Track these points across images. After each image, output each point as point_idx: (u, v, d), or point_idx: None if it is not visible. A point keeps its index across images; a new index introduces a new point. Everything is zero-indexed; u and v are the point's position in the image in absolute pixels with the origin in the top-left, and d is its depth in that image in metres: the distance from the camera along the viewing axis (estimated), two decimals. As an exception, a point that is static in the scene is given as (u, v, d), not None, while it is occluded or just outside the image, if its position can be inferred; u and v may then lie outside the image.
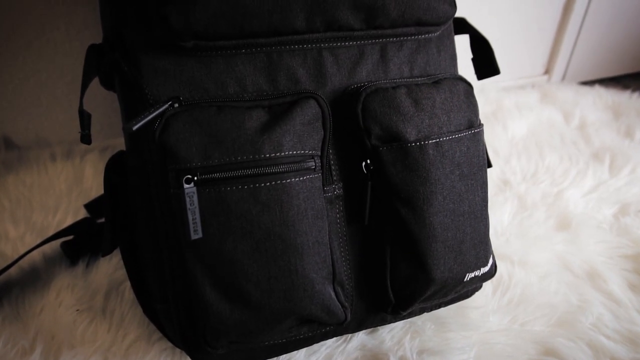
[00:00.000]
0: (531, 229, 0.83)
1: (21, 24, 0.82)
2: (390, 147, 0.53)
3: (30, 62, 0.87)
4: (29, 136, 0.95)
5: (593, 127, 1.11)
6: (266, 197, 0.48)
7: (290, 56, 0.54)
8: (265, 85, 0.53)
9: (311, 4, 0.50)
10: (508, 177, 0.97)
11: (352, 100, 0.54)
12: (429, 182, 0.54)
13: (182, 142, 0.47)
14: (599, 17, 1.24)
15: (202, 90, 0.52)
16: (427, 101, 0.55)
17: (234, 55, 0.52)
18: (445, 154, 0.54)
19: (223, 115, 0.49)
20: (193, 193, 0.47)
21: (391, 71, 0.58)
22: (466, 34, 0.68)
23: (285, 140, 0.49)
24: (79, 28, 0.85)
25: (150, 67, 0.51)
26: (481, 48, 0.67)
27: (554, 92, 1.23)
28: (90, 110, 0.54)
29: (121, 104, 0.54)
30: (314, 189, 0.51)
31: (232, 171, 0.48)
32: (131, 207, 0.56)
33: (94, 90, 0.79)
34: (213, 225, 0.48)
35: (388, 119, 0.53)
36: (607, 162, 1.00)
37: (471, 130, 0.57)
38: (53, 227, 0.84)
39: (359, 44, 0.56)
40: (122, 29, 0.52)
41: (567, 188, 0.93)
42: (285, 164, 0.49)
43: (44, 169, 0.95)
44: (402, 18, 0.55)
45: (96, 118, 0.95)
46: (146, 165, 0.52)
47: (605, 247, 0.81)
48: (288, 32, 0.52)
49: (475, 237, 0.57)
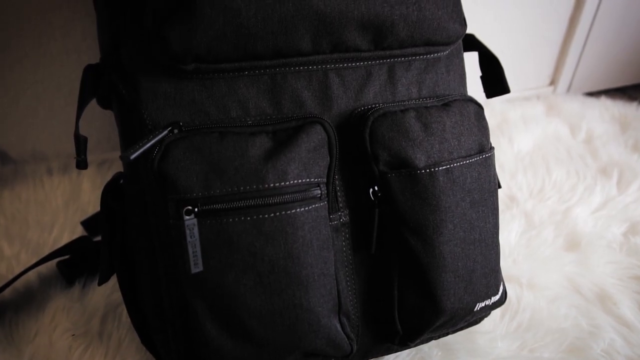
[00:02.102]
0: (539, 249, 0.81)
1: (17, 36, 0.80)
2: (398, 173, 0.51)
3: (26, 74, 0.85)
4: (25, 150, 0.93)
5: (600, 140, 1.09)
6: (270, 228, 0.46)
7: (295, 78, 0.52)
8: (269, 109, 0.51)
9: (317, 25, 0.48)
10: (514, 193, 0.95)
11: (359, 125, 0.52)
12: (439, 211, 0.51)
13: (182, 171, 0.45)
14: (605, 28, 1.22)
15: (203, 114, 0.50)
16: (437, 125, 0.53)
17: (236, 77, 0.50)
18: (456, 181, 0.52)
19: (225, 142, 0.47)
20: (194, 225, 0.45)
21: (399, 92, 0.56)
22: (475, 51, 0.66)
23: (290, 168, 0.47)
24: (77, 39, 0.83)
25: (149, 90, 0.49)
26: (490, 66, 0.64)
27: (560, 104, 1.21)
28: (87, 122, 0.52)
29: (119, 127, 0.52)
30: (319, 218, 0.49)
31: (235, 202, 0.45)
32: (129, 234, 0.54)
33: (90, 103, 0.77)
34: (214, 258, 0.46)
35: (397, 144, 0.51)
36: (615, 178, 0.98)
37: (482, 155, 0.55)
38: (49, 244, 0.82)
39: (366, 65, 0.54)
40: (120, 50, 0.50)
41: (575, 205, 0.91)
42: (290, 194, 0.47)
43: (40, 183, 0.93)
44: (411, 38, 0.53)
45: (93, 131, 0.93)
46: (144, 192, 0.50)
47: (616, 267, 0.79)
48: (293, 53, 0.50)
49: (486, 266, 0.55)
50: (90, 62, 0.85)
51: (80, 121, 0.51)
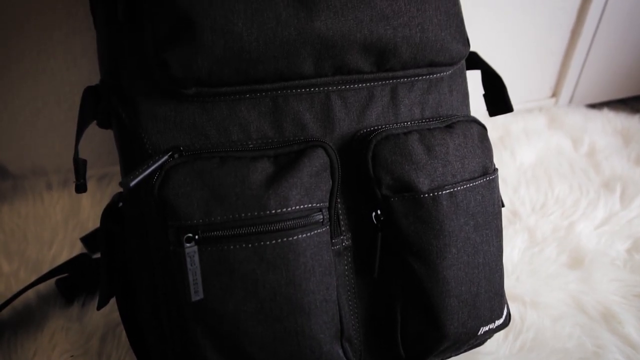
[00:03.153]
0: (542, 266, 0.81)
1: (17, 52, 0.80)
2: (401, 197, 0.50)
3: (26, 90, 0.84)
4: (24, 165, 0.92)
5: (602, 154, 1.09)
6: (271, 255, 0.45)
7: (297, 100, 0.51)
8: (270, 132, 0.51)
9: (320, 48, 0.48)
10: (517, 208, 0.94)
11: (361, 147, 0.51)
12: (442, 235, 0.51)
13: (182, 198, 0.45)
14: (607, 40, 1.22)
15: (203, 138, 0.49)
16: (440, 148, 0.52)
17: (237, 100, 0.50)
18: (460, 205, 0.52)
19: (226, 168, 0.46)
20: (194, 252, 0.44)
21: (402, 113, 0.55)
22: (478, 70, 0.65)
23: (292, 194, 0.46)
24: (77, 55, 0.83)
25: (149, 113, 0.48)
26: (493, 84, 0.64)
27: (562, 117, 1.20)
28: (87, 136, 0.51)
29: (119, 150, 0.52)
30: (321, 243, 0.48)
31: (236, 229, 0.45)
32: (128, 257, 0.53)
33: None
34: (215, 285, 0.45)
35: (399, 167, 0.50)
36: (618, 192, 0.97)
37: (486, 178, 0.54)
38: (48, 261, 0.81)
39: (369, 86, 0.53)
40: (120, 73, 0.50)
41: (578, 220, 0.90)
42: (291, 220, 0.46)
43: (39, 198, 0.92)
44: (414, 60, 0.53)
45: (94, 145, 0.93)
46: (144, 215, 0.49)
47: (620, 285, 0.78)
48: (295, 77, 0.49)
49: (490, 290, 0.55)
50: (91, 77, 0.85)
51: (79, 144, 0.51)
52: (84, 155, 0.50)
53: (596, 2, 1.13)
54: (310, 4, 0.46)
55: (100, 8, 0.53)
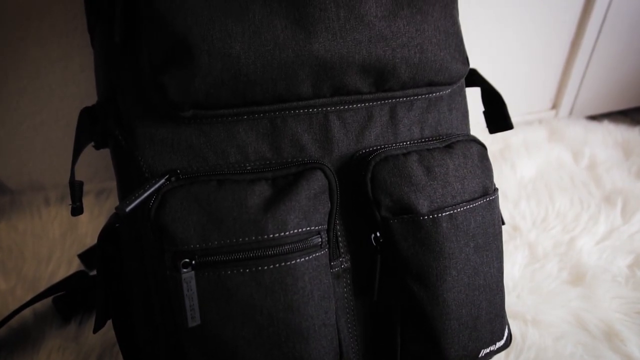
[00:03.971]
0: (544, 282, 0.80)
1: (16, 68, 0.80)
2: (401, 219, 0.50)
3: (24, 106, 0.84)
4: (22, 180, 0.92)
5: (603, 166, 1.08)
6: (269, 280, 0.45)
7: (295, 121, 0.51)
8: (268, 153, 0.50)
9: (318, 70, 0.47)
10: (518, 223, 0.94)
11: (360, 169, 0.51)
12: (442, 257, 0.50)
13: (179, 222, 0.44)
14: (607, 52, 1.21)
15: (201, 160, 0.49)
16: (439, 169, 0.52)
17: (235, 121, 0.49)
18: (460, 226, 0.51)
19: (223, 192, 0.45)
20: (191, 278, 0.44)
21: (401, 133, 0.55)
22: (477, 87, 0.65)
23: (290, 218, 0.46)
24: (75, 71, 0.83)
25: (146, 135, 0.48)
26: (493, 102, 0.64)
27: (562, 129, 1.20)
28: (84, 151, 0.51)
29: (116, 173, 0.51)
30: (320, 267, 0.48)
31: (233, 253, 0.44)
32: (125, 279, 0.53)
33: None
34: (212, 311, 0.44)
35: (399, 189, 0.50)
36: (619, 206, 0.96)
37: (486, 198, 0.54)
38: (45, 278, 0.81)
39: (368, 106, 0.53)
40: (117, 94, 0.49)
41: (579, 235, 0.90)
42: (289, 244, 0.46)
43: (37, 214, 0.91)
44: (413, 80, 0.52)
45: (92, 159, 0.92)
46: (141, 238, 0.49)
47: (622, 302, 0.77)
48: (293, 98, 0.49)
49: (491, 312, 0.54)
50: (89, 93, 0.85)
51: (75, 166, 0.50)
52: (81, 169, 0.50)
53: (595, 15, 1.13)
54: (309, 26, 0.46)
55: (97, 29, 0.52)
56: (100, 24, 0.51)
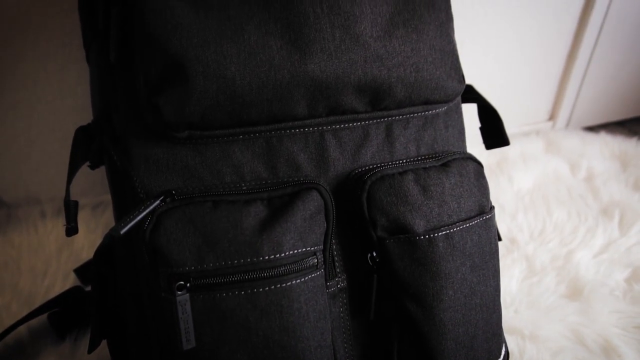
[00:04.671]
0: (541, 297, 0.80)
1: (12, 82, 0.80)
2: (397, 239, 0.50)
3: (20, 119, 0.84)
4: (18, 193, 0.92)
5: (600, 178, 1.08)
6: (265, 302, 0.44)
7: (291, 141, 0.51)
8: (264, 173, 0.50)
9: (313, 91, 0.47)
10: (515, 235, 0.93)
11: (356, 188, 0.51)
12: (438, 277, 0.50)
13: (174, 244, 0.44)
14: (603, 63, 1.22)
15: (196, 180, 0.48)
16: (436, 188, 0.52)
17: (230, 141, 0.49)
18: (456, 246, 0.51)
19: (219, 213, 0.45)
20: (186, 301, 0.43)
21: (397, 151, 0.55)
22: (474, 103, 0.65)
23: (286, 239, 0.45)
24: (72, 84, 0.83)
25: (141, 155, 0.48)
26: (489, 118, 0.64)
27: (559, 141, 1.20)
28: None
29: (111, 193, 0.51)
30: (316, 288, 0.47)
31: (228, 276, 0.44)
32: (120, 300, 0.53)
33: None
34: (207, 333, 0.44)
35: (395, 209, 0.50)
36: (616, 219, 0.96)
37: (482, 217, 0.54)
38: (41, 293, 0.80)
39: (364, 125, 0.53)
40: (112, 114, 0.49)
41: (576, 248, 0.90)
42: (285, 265, 0.45)
43: (33, 227, 0.91)
44: (409, 99, 0.52)
45: (88, 173, 0.92)
46: (135, 258, 0.49)
47: (619, 317, 0.77)
48: (288, 118, 0.49)
49: (487, 331, 0.54)
50: (85, 106, 0.85)
51: (71, 185, 0.50)
52: (77, 182, 0.50)
53: (592, 26, 1.13)
54: (304, 46, 0.46)
55: (93, 47, 0.52)
56: (96, 43, 0.51)
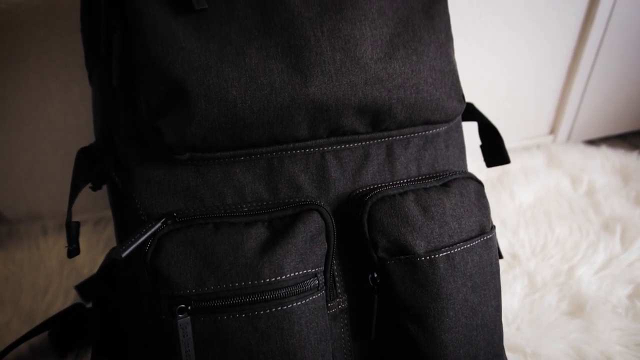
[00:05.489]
0: (543, 314, 0.79)
1: (15, 100, 0.80)
2: (398, 260, 0.50)
3: (23, 137, 0.84)
4: (20, 210, 0.92)
5: (602, 193, 1.08)
6: (265, 325, 0.44)
7: (292, 162, 0.51)
8: (265, 194, 0.50)
9: (314, 113, 0.48)
10: (517, 251, 0.93)
11: (357, 209, 0.51)
12: (439, 298, 0.50)
13: (175, 267, 0.44)
14: (604, 76, 1.22)
15: (197, 201, 0.49)
16: (436, 208, 0.52)
17: (232, 163, 0.49)
18: (457, 267, 0.51)
19: (220, 235, 0.45)
20: (187, 324, 0.43)
21: (398, 171, 0.55)
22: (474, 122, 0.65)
23: (287, 261, 0.46)
24: (74, 102, 0.83)
25: (143, 177, 0.48)
26: (490, 136, 0.64)
27: (560, 155, 1.20)
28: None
29: (113, 213, 0.51)
30: (317, 310, 0.47)
31: (229, 298, 0.44)
32: (122, 321, 0.53)
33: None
34: (208, 356, 0.44)
35: (396, 230, 0.50)
36: (618, 234, 0.96)
37: (483, 237, 0.54)
38: (42, 310, 0.80)
39: (364, 145, 0.53)
40: (114, 135, 0.50)
41: (578, 264, 0.89)
42: (286, 288, 0.45)
43: (35, 244, 0.91)
44: (409, 120, 0.52)
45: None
46: (137, 279, 0.49)
47: (622, 334, 0.77)
48: (289, 140, 0.49)
49: (489, 351, 0.53)
50: (88, 123, 0.85)
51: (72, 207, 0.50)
52: (79, 198, 0.50)
53: (592, 39, 1.13)
54: (305, 69, 0.46)
55: (95, 70, 0.53)
56: (98, 67, 0.51)
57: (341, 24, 0.48)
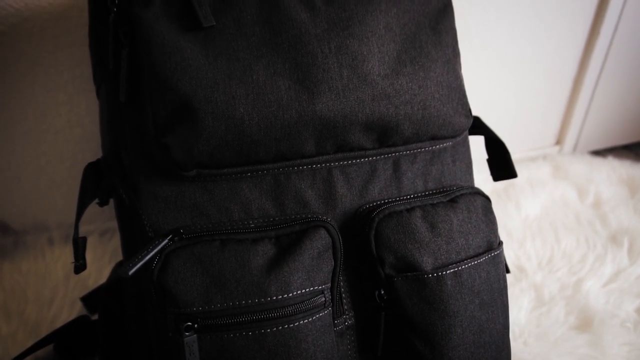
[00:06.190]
0: (551, 328, 0.79)
1: (22, 112, 0.81)
2: (405, 277, 0.50)
3: (29, 149, 0.84)
4: (26, 220, 0.92)
5: (608, 205, 1.07)
6: (272, 343, 0.44)
7: (299, 177, 0.51)
8: (272, 210, 0.50)
9: (321, 129, 0.48)
10: (523, 264, 0.93)
11: (364, 225, 0.51)
12: (447, 315, 0.50)
13: (182, 284, 0.44)
14: (610, 86, 1.22)
15: (204, 217, 0.49)
16: (443, 225, 0.51)
17: (239, 179, 0.49)
18: (464, 284, 0.51)
19: (227, 252, 0.45)
20: (193, 342, 0.43)
21: (405, 186, 0.55)
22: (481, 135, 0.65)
23: (293, 279, 0.45)
24: (81, 115, 0.83)
25: (150, 193, 0.48)
26: (496, 150, 0.64)
27: (567, 166, 1.20)
28: None
29: (119, 229, 0.51)
30: (323, 327, 0.47)
31: (236, 316, 0.44)
32: (127, 337, 0.52)
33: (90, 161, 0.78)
34: (214, 374, 0.44)
35: (403, 247, 0.50)
36: (625, 246, 0.96)
37: (491, 253, 0.53)
38: (47, 321, 0.80)
39: (371, 160, 0.53)
40: (121, 151, 0.50)
41: (585, 277, 0.89)
42: (293, 305, 0.45)
43: (41, 254, 0.91)
44: (416, 136, 0.52)
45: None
46: (144, 297, 0.48)
47: (630, 349, 0.76)
48: (296, 156, 0.49)
49: (496, 369, 0.53)
50: (94, 134, 0.86)
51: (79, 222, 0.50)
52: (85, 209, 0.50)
53: (598, 49, 1.13)
54: (312, 86, 0.46)
55: (103, 86, 0.53)
56: (106, 82, 0.52)
57: (348, 40, 0.48)
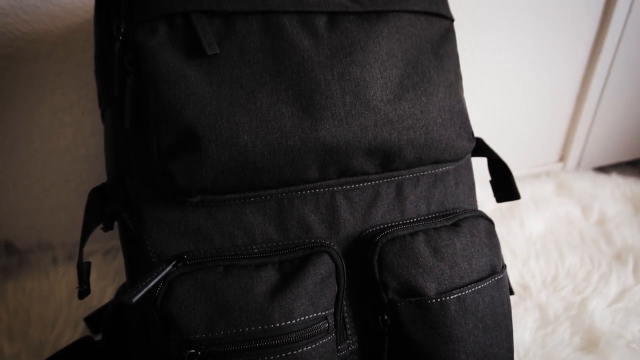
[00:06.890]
0: (556, 349, 0.78)
1: (28, 134, 0.81)
2: (408, 302, 0.49)
3: (34, 169, 0.85)
4: (30, 240, 0.92)
5: (613, 222, 1.07)
6: (276, 370, 0.44)
7: (302, 202, 0.51)
8: (275, 235, 0.50)
9: (324, 155, 0.48)
10: (527, 282, 0.92)
11: (367, 250, 0.51)
12: (450, 341, 0.49)
13: (185, 311, 0.44)
14: (614, 102, 1.22)
15: (208, 242, 0.49)
16: (447, 249, 0.51)
17: (242, 204, 0.49)
18: (468, 309, 0.50)
19: (230, 279, 0.45)
20: (196, 369, 0.43)
21: (408, 210, 0.55)
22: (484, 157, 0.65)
23: (297, 305, 0.45)
24: (86, 135, 0.84)
25: (154, 219, 0.48)
26: (500, 172, 0.64)
27: (570, 183, 1.20)
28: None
29: (124, 254, 0.51)
30: (327, 353, 0.47)
31: (240, 343, 0.44)
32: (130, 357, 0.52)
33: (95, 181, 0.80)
34: (217, 402, 0.44)
35: (406, 272, 0.50)
36: (630, 265, 0.95)
37: (494, 277, 0.53)
38: (50, 342, 0.80)
39: (374, 184, 0.53)
40: (125, 177, 0.50)
41: (590, 296, 0.88)
42: (296, 332, 0.45)
43: (44, 274, 0.91)
44: (419, 160, 0.53)
45: (101, 219, 0.93)
46: (147, 322, 0.49)
47: (637, 371, 0.76)
48: (299, 182, 0.49)
49: (501, 394, 0.53)
50: (98, 155, 0.86)
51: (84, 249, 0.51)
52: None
53: (601, 65, 1.14)
54: (315, 112, 0.47)
55: (108, 112, 0.53)
56: (111, 109, 0.52)
57: (351, 67, 0.48)
